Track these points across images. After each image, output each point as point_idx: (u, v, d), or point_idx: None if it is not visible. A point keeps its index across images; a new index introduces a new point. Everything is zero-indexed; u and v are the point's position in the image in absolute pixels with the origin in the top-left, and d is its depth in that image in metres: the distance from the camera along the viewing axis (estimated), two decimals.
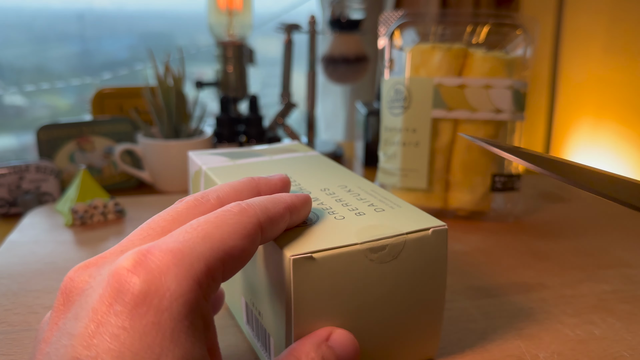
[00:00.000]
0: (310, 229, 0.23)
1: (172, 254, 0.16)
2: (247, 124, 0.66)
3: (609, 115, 0.72)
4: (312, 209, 0.25)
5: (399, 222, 0.23)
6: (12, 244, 0.42)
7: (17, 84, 0.96)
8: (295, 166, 0.31)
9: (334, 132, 1.15)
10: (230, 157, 0.33)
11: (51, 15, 0.98)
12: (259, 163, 0.32)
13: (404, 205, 0.25)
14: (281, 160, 0.33)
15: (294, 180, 0.29)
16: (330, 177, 0.29)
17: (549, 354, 0.28)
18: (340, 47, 0.72)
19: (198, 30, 1.04)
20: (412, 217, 0.24)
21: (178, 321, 0.16)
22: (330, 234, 0.22)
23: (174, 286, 0.16)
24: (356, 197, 0.26)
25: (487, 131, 0.46)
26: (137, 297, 0.15)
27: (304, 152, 0.35)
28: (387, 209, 0.25)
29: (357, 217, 0.24)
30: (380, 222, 0.23)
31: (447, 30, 0.49)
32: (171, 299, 0.16)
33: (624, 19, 0.68)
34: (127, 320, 0.15)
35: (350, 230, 0.23)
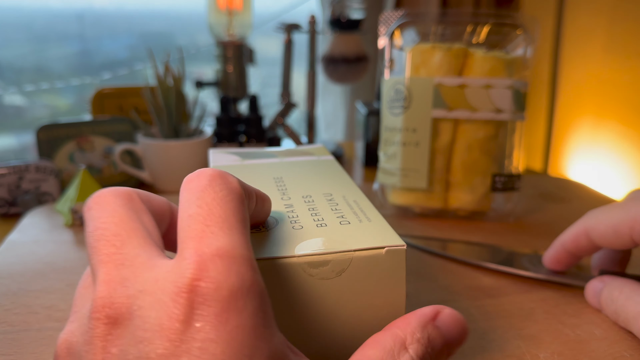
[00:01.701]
0: (261, 236, 0.22)
1: (218, 252, 0.16)
2: (247, 124, 0.66)
3: (609, 115, 0.72)
4: (276, 216, 0.24)
5: (355, 238, 0.21)
6: (12, 244, 0.42)
7: (16, 83, 0.96)
8: (296, 170, 0.31)
9: (334, 132, 1.15)
10: (242, 156, 0.33)
11: (51, 15, 0.98)
12: (264, 165, 0.32)
13: (377, 220, 0.23)
14: (288, 163, 0.32)
15: (282, 184, 0.28)
16: (322, 184, 0.28)
17: (549, 354, 0.28)
18: (340, 47, 0.72)
19: (198, 30, 1.04)
20: (373, 233, 0.22)
21: (255, 315, 0.16)
22: (276, 244, 0.21)
23: (239, 283, 0.16)
24: (333, 207, 0.25)
25: (487, 131, 0.46)
26: (214, 306, 0.15)
27: (318, 156, 0.34)
28: (355, 223, 0.23)
29: (316, 229, 0.22)
30: (335, 236, 0.22)
31: (447, 30, 0.49)
32: (244, 297, 0.16)
33: (625, 19, 0.68)
34: (212, 332, 0.15)
35: (297, 241, 0.21)
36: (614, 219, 0.30)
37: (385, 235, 0.22)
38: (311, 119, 0.75)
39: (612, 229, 0.30)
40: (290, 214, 0.24)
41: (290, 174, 0.30)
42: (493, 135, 0.46)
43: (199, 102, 0.62)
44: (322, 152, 0.35)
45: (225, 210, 0.18)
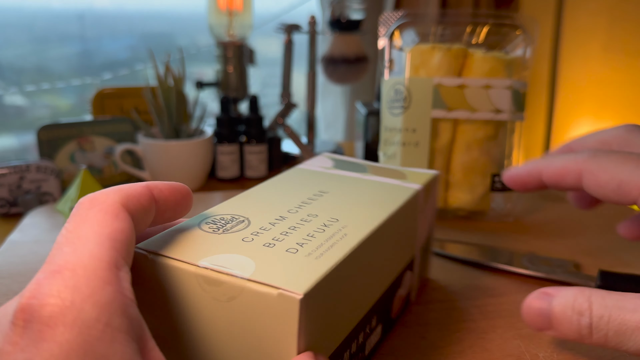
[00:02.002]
0: (207, 236, 0.21)
1: (58, 268, 0.16)
2: (248, 124, 0.66)
3: (609, 115, 0.72)
4: (248, 221, 0.23)
5: (270, 270, 0.19)
6: (13, 244, 0.42)
7: (17, 84, 0.96)
8: (351, 190, 0.28)
9: (334, 132, 1.15)
10: (336, 165, 0.33)
11: (51, 15, 0.98)
12: (334, 176, 0.30)
13: (327, 260, 0.20)
14: (356, 180, 0.30)
15: (313, 198, 0.27)
16: (351, 210, 0.26)
17: (549, 353, 0.28)
18: (340, 47, 0.72)
19: (198, 31, 1.04)
20: (295, 271, 0.19)
21: (92, 328, 0.15)
22: (199, 248, 0.20)
23: (71, 296, 0.15)
24: (312, 233, 0.22)
25: (486, 131, 0.46)
26: (37, 322, 0.15)
27: (402, 181, 0.30)
28: (300, 255, 0.20)
29: (261, 247, 0.21)
30: (262, 261, 0.19)
31: (446, 31, 0.49)
32: (74, 311, 0.15)
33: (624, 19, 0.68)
34: (33, 351, 0.14)
35: (221, 252, 0.20)
36: (622, 173, 0.25)
37: (298, 278, 0.18)
38: (311, 119, 0.75)
39: (617, 184, 0.25)
40: (266, 225, 0.23)
41: (338, 193, 0.28)
42: (492, 135, 0.46)
43: (199, 102, 0.63)
44: (415, 179, 0.30)
45: (87, 226, 0.17)
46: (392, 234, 0.26)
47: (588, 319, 0.23)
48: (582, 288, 0.24)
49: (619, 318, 0.22)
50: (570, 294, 0.24)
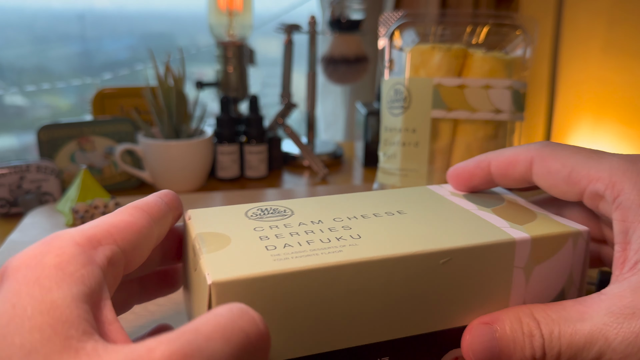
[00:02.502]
0: (241, 216, 0.24)
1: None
2: (248, 124, 0.66)
3: (609, 115, 0.72)
4: (289, 215, 0.24)
5: (233, 254, 0.21)
6: (13, 243, 0.42)
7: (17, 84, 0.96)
8: (429, 214, 0.26)
9: (334, 132, 1.15)
10: (467, 196, 0.28)
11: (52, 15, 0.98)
12: (444, 203, 0.27)
13: (293, 262, 0.20)
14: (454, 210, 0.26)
15: (374, 213, 0.25)
16: (388, 228, 0.24)
17: None
18: (340, 47, 0.72)
19: (198, 31, 1.04)
20: (249, 262, 0.20)
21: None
22: (224, 221, 0.24)
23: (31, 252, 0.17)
24: (320, 235, 0.23)
25: (486, 131, 0.46)
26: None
27: (510, 225, 0.25)
28: (277, 249, 0.21)
29: (258, 234, 0.22)
30: (234, 246, 0.21)
31: (446, 31, 0.49)
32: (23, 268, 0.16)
33: (623, 20, 0.68)
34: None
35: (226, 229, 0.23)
36: (574, 162, 0.23)
37: (234, 270, 0.20)
38: (311, 119, 0.75)
39: (568, 171, 0.23)
40: (294, 223, 0.24)
41: (412, 216, 0.25)
42: (492, 135, 0.46)
43: (199, 102, 0.63)
44: (536, 229, 0.25)
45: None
46: (436, 275, 0.23)
47: (540, 339, 0.21)
48: (520, 306, 0.22)
49: (569, 330, 0.20)
50: (513, 316, 0.22)
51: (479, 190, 0.29)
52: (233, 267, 0.20)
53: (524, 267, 0.24)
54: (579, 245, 0.25)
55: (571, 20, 0.78)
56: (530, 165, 0.25)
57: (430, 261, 0.22)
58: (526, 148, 0.25)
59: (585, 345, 0.20)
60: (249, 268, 0.20)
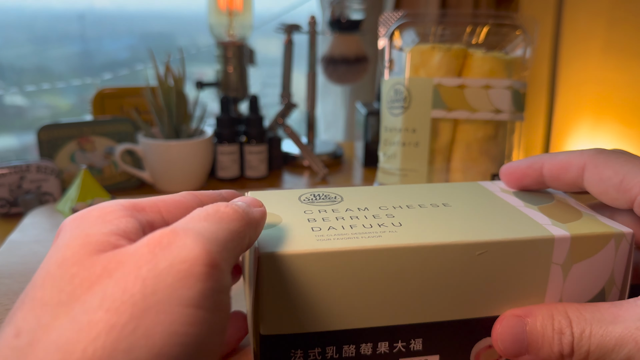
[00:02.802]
0: (295, 199, 0.27)
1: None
2: (248, 124, 0.66)
3: (608, 115, 0.72)
4: (338, 201, 0.27)
5: (283, 233, 0.23)
6: (13, 243, 0.42)
7: (17, 84, 0.96)
8: (473, 208, 0.27)
9: (334, 132, 1.15)
10: (517, 193, 0.29)
11: (52, 15, 0.98)
12: (491, 198, 0.28)
13: (332, 243, 0.22)
14: (500, 205, 0.27)
15: (420, 204, 0.27)
16: (432, 218, 0.25)
17: None
18: (340, 47, 0.72)
19: (198, 31, 1.04)
20: (295, 241, 0.22)
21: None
22: (280, 203, 0.26)
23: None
24: (365, 221, 0.24)
25: (486, 131, 0.46)
26: None
27: (553, 223, 0.26)
28: (322, 230, 0.23)
29: (307, 217, 0.25)
30: (286, 226, 0.24)
31: (446, 31, 0.49)
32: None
33: (623, 20, 0.68)
34: None
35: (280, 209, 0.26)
36: (626, 170, 0.24)
37: (284, 246, 0.22)
38: (311, 119, 0.75)
39: (620, 179, 0.24)
40: (342, 209, 0.26)
41: (458, 209, 0.27)
42: (492, 135, 0.46)
43: (199, 102, 0.63)
44: (578, 228, 0.25)
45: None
46: (472, 266, 0.23)
47: (570, 337, 0.21)
48: (555, 304, 0.23)
49: (601, 331, 0.21)
50: (546, 312, 0.22)
51: (530, 190, 0.29)
52: (280, 244, 0.22)
53: (562, 264, 0.24)
54: (622, 246, 0.25)
55: (571, 20, 0.78)
56: (582, 171, 0.25)
57: (466, 252, 0.23)
58: (580, 153, 0.26)
59: (614, 348, 0.20)
60: (294, 245, 0.22)
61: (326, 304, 0.22)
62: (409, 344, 0.24)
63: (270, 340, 0.22)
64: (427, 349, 0.24)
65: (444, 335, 0.24)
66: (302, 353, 0.23)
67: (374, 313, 0.23)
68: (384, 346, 0.24)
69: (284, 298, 0.22)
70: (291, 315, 0.22)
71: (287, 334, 0.23)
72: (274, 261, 0.21)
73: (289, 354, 0.23)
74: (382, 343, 0.24)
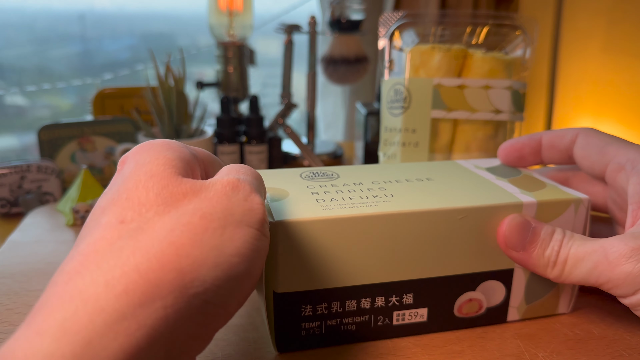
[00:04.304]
0: (296, 177, 0.30)
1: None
2: (248, 124, 0.66)
3: (608, 115, 0.72)
4: (335, 178, 0.30)
5: (290, 205, 0.26)
6: (14, 243, 0.42)
7: (18, 84, 0.96)
8: (452, 181, 0.31)
9: (334, 132, 1.15)
10: (491, 169, 0.33)
11: (52, 15, 0.98)
12: (466, 173, 0.32)
13: (336, 211, 0.26)
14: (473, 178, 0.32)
15: (407, 179, 0.31)
16: (417, 189, 0.29)
17: (548, 353, 0.28)
18: (340, 47, 0.72)
19: (199, 31, 1.04)
20: (303, 211, 0.26)
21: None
22: (285, 180, 0.30)
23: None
24: (361, 194, 0.28)
25: (486, 131, 0.46)
26: None
27: (521, 191, 0.30)
28: (325, 201, 0.27)
29: (310, 191, 0.28)
30: (291, 199, 0.27)
31: (446, 31, 0.49)
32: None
33: (623, 20, 0.68)
34: None
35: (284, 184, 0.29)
36: (610, 141, 0.29)
37: (291, 215, 0.25)
38: (311, 119, 0.76)
39: (603, 146, 0.29)
40: (339, 184, 0.29)
41: (438, 182, 0.30)
42: (492, 135, 0.46)
43: (199, 102, 0.63)
44: (543, 195, 0.29)
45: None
46: (454, 229, 0.27)
47: (558, 246, 0.26)
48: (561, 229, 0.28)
49: (579, 242, 0.26)
50: (549, 226, 0.28)
51: (525, 164, 0.34)
52: (292, 212, 0.25)
53: None
54: (580, 211, 0.29)
55: (571, 20, 0.78)
56: (576, 137, 0.31)
57: (449, 217, 0.27)
58: (575, 128, 0.32)
59: (585, 256, 0.25)
60: (304, 214, 0.25)
61: (331, 264, 0.26)
62: (402, 298, 0.28)
63: (285, 297, 0.26)
64: (418, 302, 0.28)
65: (431, 290, 0.28)
66: (311, 308, 0.27)
67: (372, 271, 0.27)
68: (381, 300, 0.28)
69: (296, 260, 0.25)
70: (302, 274, 0.26)
71: (298, 292, 0.26)
72: (288, 227, 0.25)
73: (300, 309, 0.26)
74: (379, 298, 0.28)
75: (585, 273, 0.25)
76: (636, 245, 0.24)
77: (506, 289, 0.30)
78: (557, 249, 0.26)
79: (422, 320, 0.29)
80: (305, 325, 0.27)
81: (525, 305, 0.31)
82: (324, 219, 0.25)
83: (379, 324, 0.28)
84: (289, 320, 0.27)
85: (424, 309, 0.29)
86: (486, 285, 0.29)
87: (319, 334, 0.27)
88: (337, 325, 0.27)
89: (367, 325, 0.28)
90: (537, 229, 0.27)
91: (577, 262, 0.26)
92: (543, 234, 0.27)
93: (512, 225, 0.27)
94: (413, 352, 0.28)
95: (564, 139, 0.31)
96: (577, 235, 0.27)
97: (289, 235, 0.25)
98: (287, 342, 0.27)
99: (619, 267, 0.24)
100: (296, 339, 0.27)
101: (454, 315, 0.30)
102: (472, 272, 0.29)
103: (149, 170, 0.21)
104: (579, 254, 0.26)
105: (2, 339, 0.29)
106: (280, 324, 0.27)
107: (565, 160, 0.32)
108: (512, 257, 0.28)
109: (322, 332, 0.27)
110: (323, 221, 0.25)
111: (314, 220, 0.25)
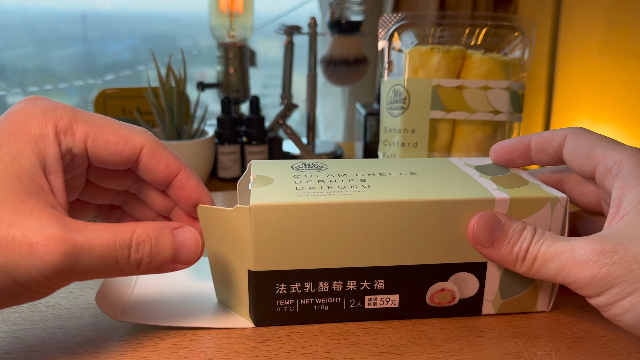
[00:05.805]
0: (287, 167, 0.32)
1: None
2: (248, 125, 0.67)
3: (606, 116, 0.72)
4: (324, 169, 0.32)
5: (268, 192, 0.28)
6: None
7: (20, 85, 0.96)
8: (435, 182, 0.31)
9: (334, 132, 1.15)
10: (479, 168, 0.34)
11: (54, 16, 0.98)
12: (452, 169, 0.33)
13: (310, 199, 0.27)
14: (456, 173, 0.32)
15: (390, 172, 0.32)
16: (397, 183, 0.30)
17: (547, 351, 0.28)
18: (340, 48, 0.72)
19: (200, 32, 1.04)
20: (280, 197, 0.27)
21: None
22: (276, 169, 0.31)
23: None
24: (340, 184, 0.29)
25: (485, 132, 0.46)
26: None
27: (497, 188, 0.30)
28: (304, 189, 0.28)
29: (294, 180, 0.30)
30: (276, 187, 0.29)
31: (445, 32, 0.49)
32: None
33: (621, 21, 0.68)
34: None
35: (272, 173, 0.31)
36: (598, 142, 0.29)
37: (266, 200, 0.27)
38: (311, 120, 0.76)
39: (592, 147, 0.28)
40: (325, 175, 0.31)
41: (421, 177, 0.31)
42: (491, 136, 0.47)
43: (200, 103, 0.63)
44: (518, 193, 0.29)
45: None
46: (424, 220, 0.28)
47: (528, 243, 0.27)
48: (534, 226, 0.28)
49: (550, 242, 0.26)
50: (520, 222, 0.28)
51: (516, 166, 0.34)
52: (269, 197, 0.27)
53: None
54: (557, 210, 0.29)
55: (569, 21, 0.79)
56: (564, 140, 0.30)
57: (419, 208, 0.28)
58: (563, 129, 0.31)
59: (554, 256, 0.26)
60: (279, 198, 0.27)
61: (304, 247, 0.27)
62: (373, 284, 0.29)
63: (259, 275, 0.28)
64: (389, 288, 0.29)
65: (402, 277, 0.29)
66: (285, 287, 0.28)
67: (343, 256, 0.28)
68: (352, 284, 0.29)
69: (269, 241, 0.27)
70: (275, 255, 0.27)
71: (272, 270, 0.28)
72: (261, 211, 0.27)
73: (274, 287, 0.28)
74: (350, 281, 0.29)
75: (554, 272, 0.26)
76: (602, 248, 0.25)
77: (479, 282, 0.30)
78: (526, 246, 0.27)
79: (394, 306, 0.30)
80: (279, 302, 0.29)
81: (500, 300, 0.31)
82: (296, 204, 0.27)
83: (352, 306, 0.30)
84: (263, 296, 0.28)
85: (396, 296, 0.30)
86: (458, 277, 0.30)
87: (293, 311, 0.29)
88: (310, 305, 0.29)
89: (339, 307, 0.29)
90: (506, 226, 0.27)
91: (546, 262, 0.26)
92: (512, 231, 0.27)
93: (481, 221, 0.28)
94: (412, 350, 0.28)
95: (553, 142, 0.31)
96: (549, 233, 0.27)
97: (262, 219, 0.27)
98: (263, 316, 0.29)
99: (585, 269, 0.25)
100: (272, 314, 0.29)
101: (426, 303, 0.30)
102: (444, 263, 0.29)
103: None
104: (548, 254, 0.26)
105: (2, 338, 0.29)
106: (255, 299, 0.28)
107: (557, 162, 0.32)
108: (482, 253, 0.29)
109: (297, 310, 0.29)
110: (295, 206, 0.27)
111: (285, 205, 0.27)
